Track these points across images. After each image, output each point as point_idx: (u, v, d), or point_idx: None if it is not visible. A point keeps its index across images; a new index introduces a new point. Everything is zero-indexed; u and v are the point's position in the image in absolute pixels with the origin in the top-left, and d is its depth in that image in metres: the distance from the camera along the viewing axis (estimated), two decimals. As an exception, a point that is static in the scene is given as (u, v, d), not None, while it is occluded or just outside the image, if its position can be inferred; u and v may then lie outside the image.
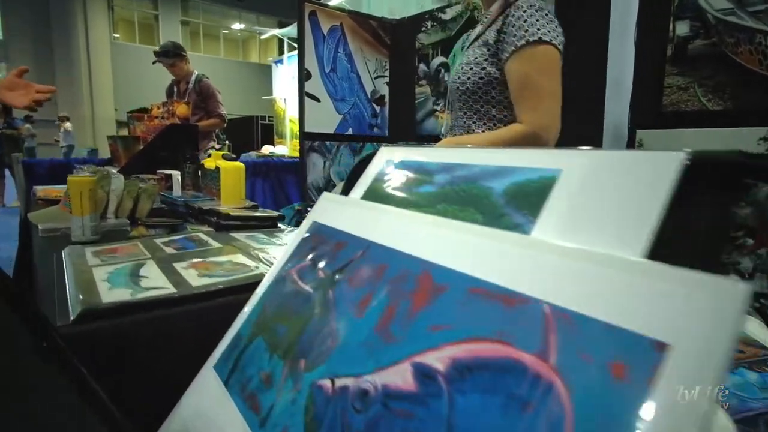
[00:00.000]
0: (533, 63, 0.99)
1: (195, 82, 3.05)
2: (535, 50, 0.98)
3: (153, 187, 1.24)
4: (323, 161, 2.63)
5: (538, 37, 0.97)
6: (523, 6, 1.00)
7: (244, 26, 23.41)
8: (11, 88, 1.30)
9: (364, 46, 2.74)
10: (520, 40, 0.98)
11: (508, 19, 1.00)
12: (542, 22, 0.98)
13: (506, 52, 1.01)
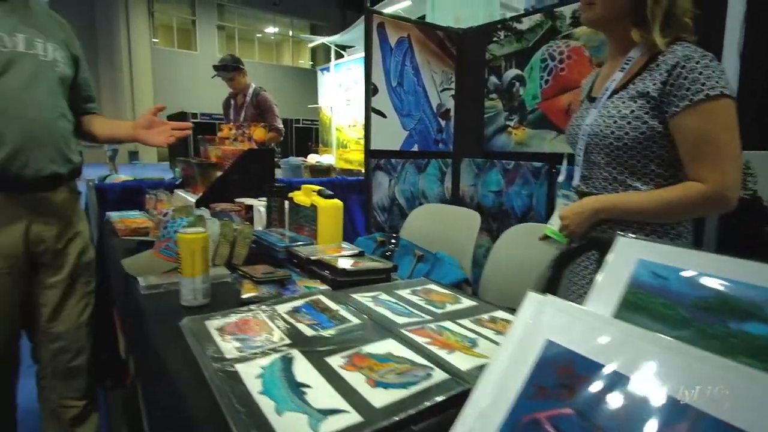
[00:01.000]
0: (713, 118, 0.85)
1: (252, 95, 2.99)
2: (716, 105, 0.85)
3: (248, 229, 1.13)
4: (388, 179, 2.50)
5: (719, 92, 0.84)
6: (695, 57, 0.86)
7: (278, 30, 23.71)
8: (149, 127, 1.30)
9: (431, 58, 2.60)
10: (696, 94, 0.85)
11: (677, 70, 0.87)
12: (718, 74, 0.85)
13: (676, 106, 0.87)
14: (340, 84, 4.89)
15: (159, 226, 1.21)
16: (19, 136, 1.07)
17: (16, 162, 1.07)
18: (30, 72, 1.10)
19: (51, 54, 1.15)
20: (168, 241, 1.02)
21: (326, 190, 1.21)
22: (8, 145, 1.05)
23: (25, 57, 1.10)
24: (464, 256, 1.67)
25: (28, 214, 1.13)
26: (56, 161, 1.16)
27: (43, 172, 1.12)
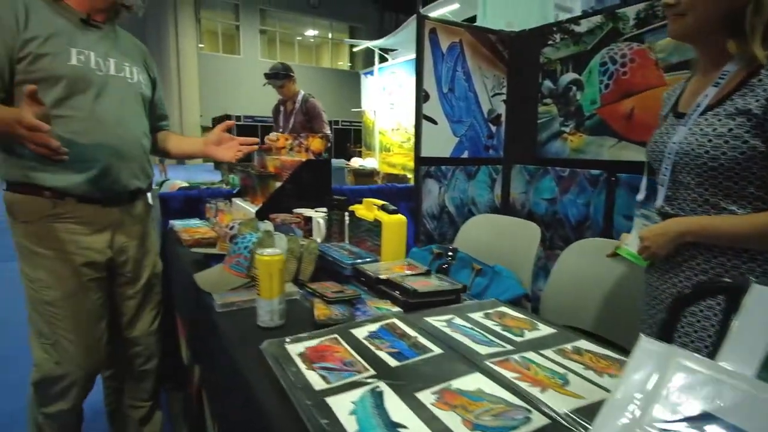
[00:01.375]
0: None
1: (302, 102, 3.03)
2: None
3: (314, 245, 1.13)
4: (438, 187, 2.47)
5: None
6: None
7: (318, 32, 24.07)
8: (218, 143, 1.37)
9: (483, 62, 2.54)
10: None
11: None
12: None
13: None
14: (383, 87, 4.89)
15: (225, 238, 1.23)
16: (111, 154, 1.14)
17: (107, 178, 1.14)
18: (120, 94, 1.17)
19: (136, 77, 1.23)
20: (239, 257, 1.04)
21: (389, 204, 1.20)
22: (101, 162, 1.12)
23: (116, 80, 1.17)
24: (523, 270, 1.61)
25: (113, 226, 1.19)
26: (139, 176, 1.23)
27: (128, 187, 1.20)
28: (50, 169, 1.06)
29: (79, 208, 1.12)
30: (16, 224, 1.12)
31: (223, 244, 1.23)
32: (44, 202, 1.09)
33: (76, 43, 1.10)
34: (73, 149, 1.06)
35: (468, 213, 2.63)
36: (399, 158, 4.77)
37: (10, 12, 1.02)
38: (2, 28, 1.01)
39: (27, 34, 1.03)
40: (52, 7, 1.09)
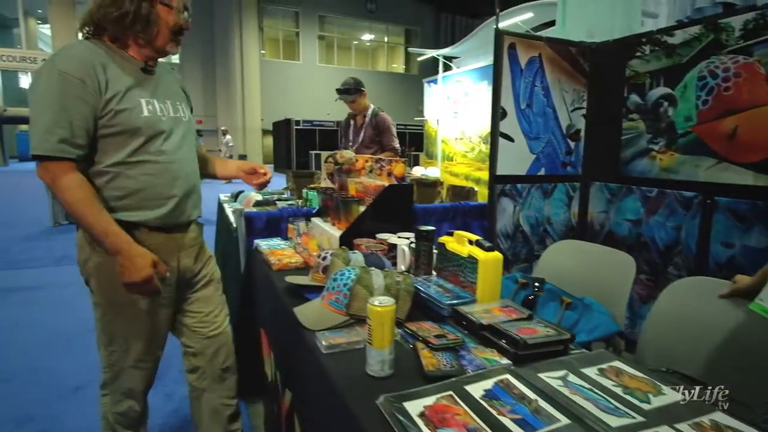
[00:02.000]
0: None
1: (372, 116, 3.05)
2: None
3: (409, 281, 1.12)
4: (513, 206, 2.40)
5: None
6: None
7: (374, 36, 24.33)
8: (250, 173, 1.54)
9: (563, 76, 2.44)
10: None
11: None
12: None
13: None
14: (448, 96, 4.83)
15: (318, 269, 1.25)
16: (181, 191, 1.26)
17: (176, 211, 1.25)
18: (181, 134, 1.27)
19: (186, 114, 1.33)
20: (338, 294, 1.05)
21: (484, 241, 1.17)
22: (175, 198, 1.24)
23: (176, 121, 1.26)
24: (615, 305, 1.52)
25: (178, 250, 1.30)
26: (198, 206, 1.36)
27: (191, 217, 1.32)
28: (127, 208, 1.17)
29: (151, 236, 1.21)
30: (93, 254, 1.19)
31: (316, 275, 1.26)
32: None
33: (143, 93, 1.18)
34: (151, 190, 1.19)
35: (543, 232, 2.54)
36: (462, 168, 4.69)
37: (91, 73, 1.08)
38: (88, 90, 1.08)
39: (108, 94, 1.11)
40: (118, 61, 1.16)
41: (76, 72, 1.06)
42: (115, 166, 1.14)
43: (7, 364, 2.29)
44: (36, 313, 3.01)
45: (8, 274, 3.92)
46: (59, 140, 1.05)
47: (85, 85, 1.07)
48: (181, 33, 1.23)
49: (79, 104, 1.07)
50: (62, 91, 1.05)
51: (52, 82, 1.06)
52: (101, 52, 1.13)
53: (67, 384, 2.08)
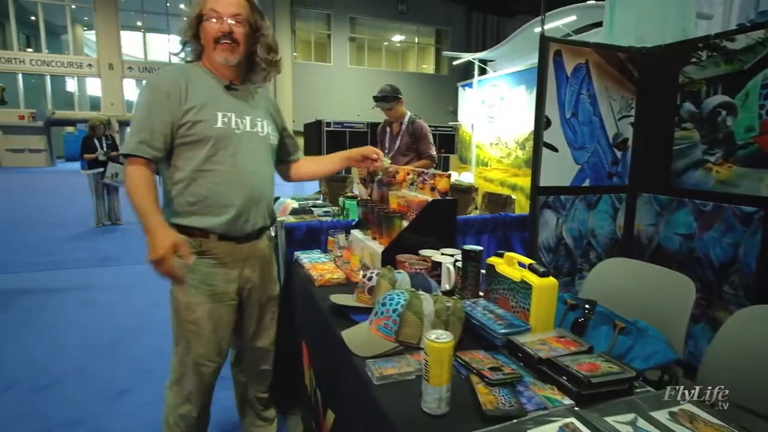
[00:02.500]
0: None
1: (408, 123, 3.02)
2: None
3: (459, 306, 1.08)
4: (556, 218, 2.32)
5: None
6: None
7: (405, 37, 24.30)
8: (360, 161, 1.68)
9: (610, 83, 2.34)
10: None
11: None
12: None
13: None
14: (483, 100, 4.75)
15: (364, 289, 1.23)
16: (244, 201, 1.33)
17: (240, 219, 1.34)
18: (253, 147, 1.35)
19: (265, 129, 1.40)
20: (387, 319, 1.02)
21: (538, 265, 1.12)
22: (235, 207, 1.32)
23: (250, 135, 1.35)
24: (673, 331, 1.44)
25: (243, 259, 1.39)
26: (265, 217, 1.42)
27: (256, 226, 1.39)
28: (197, 213, 1.30)
29: (219, 245, 1.33)
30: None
31: (362, 295, 1.23)
32: (194, 241, 1.30)
33: (221, 106, 1.30)
34: (214, 197, 1.29)
35: (587, 245, 2.44)
36: (497, 173, 4.60)
37: (176, 88, 1.24)
38: (171, 102, 1.24)
39: (187, 105, 1.25)
40: (204, 78, 1.31)
41: (163, 86, 1.24)
42: (192, 173, 1.27)
43: (57, 365, 2.38)
44: (81, 314, 3.13)
45: (56, 275, 4.10)
46: (139, 141, 1.21)
47: (169, 97, 1.23)
48: (220, 40, 1.28)
49: (161, 113, 1.23)
50: (150, 101, 1.24)
51: (146, 94, 1.25)
52: (191, 71, 1.30)
53: (112, 388, 2.14)
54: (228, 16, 1.27)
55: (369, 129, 17.55)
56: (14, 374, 2.27)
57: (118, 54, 19.23)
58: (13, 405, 2.03)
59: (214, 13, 1.27)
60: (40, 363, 2.39)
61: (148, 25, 20.16)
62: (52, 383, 2.19)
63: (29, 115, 18.61)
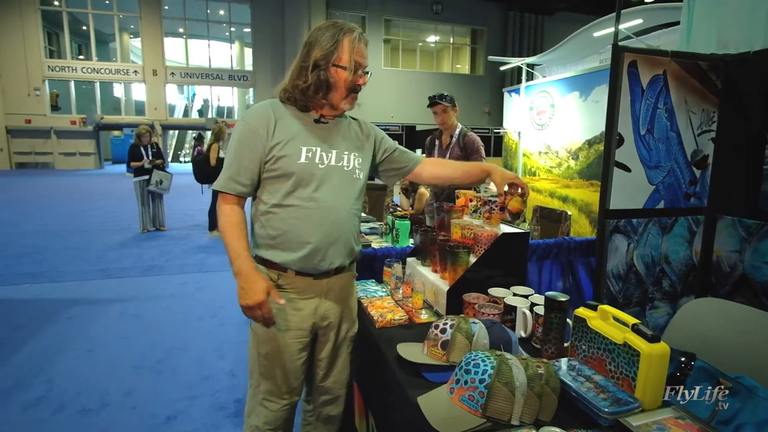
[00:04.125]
0: None
1: (459, 136, 2.87)
2: None
3: (553, 373, 0.94)
4: (627, 243, 2.12)
5: None
6: None
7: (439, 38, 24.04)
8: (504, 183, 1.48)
9: (690, 95, 2.12)
10: None
11: None
12: None
13: None
14: (531, 107, 4.53)
15: (437, 344, 1.10)
16: (321, 238, 1.27)
17: (316, 257, 1.28)
18: (336, 183, 1.29)
19: (351, 163, 1.33)
20: (472, 390, 0.89)
21: (644, 326, 0.96)
22: (311, 245, 1.26)
23: (334, 169, 1.29)
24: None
25: (320, 295, 1.33)
26: (343, 255, 1.33)
27: (333, 265, 1.31)
28: (276, 247, 1.27)
29: (297, 280, 1.29)
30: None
31: (434, 350, 1.11)
32: (273, 274, 1.29)
33: (307, 141, 1.26)
34: (293, 232, 1.25)
35: (659, 273, 2.23)
36: (546, 184, 4.37)
37: (265, 125, 1.24)
38: (260, 139, 1.23)
39: (274, 140, 1.24)
40: (294, 113, 1.29)
41: (253, 121, 1.25)
42: (274, 207, 1.26)
43: (104, 385, 2.37)
44: (126, 328, 3.14)
45: (103, 284, 4.17)
46: (228, 177, 1.23)
47: (257, 133, 1.23)
48: (355, 90, 1.29)
49: (249, 149, 1.23)
50: (240, 137, 1.25)
51: (238, 130, 1.26)
52: (280, 106, 1.29)
53: (159, 414, 2.10)
54: (364, 68, 1.29)
55: (404, 131, 17.44)
56: (63, 394, 2.27)
57: (162, 60, 19.91)
58: (64, 428, 2.01)
59: (360, 66, 1.27)
60: (88, 382, 2.39)
61: (189, 32, 20.77)
62: (100, 407, 2.17)
63: (80, 120, 19.52)
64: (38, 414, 2.11)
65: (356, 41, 1.26)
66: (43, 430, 2.00)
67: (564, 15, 23.07)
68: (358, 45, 1.26)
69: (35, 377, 2.43)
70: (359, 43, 1.26)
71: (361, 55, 1.26)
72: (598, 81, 3.73)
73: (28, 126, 18.97)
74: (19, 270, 4.53)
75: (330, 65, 1.23)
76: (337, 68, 1.24)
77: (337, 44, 1.23)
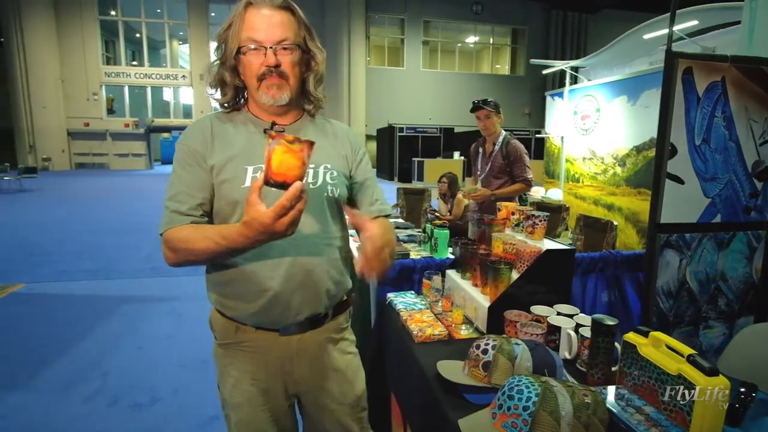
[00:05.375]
0: None
1: (502, 144, 2.83)
2: None
3: (600, 401, 0.91)
4: (679, 259, 2.02)
5: None
6: None
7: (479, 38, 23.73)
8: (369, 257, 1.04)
9: (751, 102, 2.00)
10: None
11: None
12: None
13: None
14: (575, 111, 4.40)
15: (478, 365, 1.09)
16: (281, 282, 1.02)
17: (276, 307, 1.04)
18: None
19: (320, 178, 1.04)
20: (515, 417, 0.88)
21: (702, 357, 0.91)
22: (270, 292, 1.03)
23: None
24: None
25: (289, 356, 1.09)
26: (316, 301, 1.07)
27: (302, 315, 1.06)
28: (229, 297, 1.05)
29: (257, 336, 1.06)
30: (215, 341, 1.15)
31: (475, 370, 1.10)
32: (230, 327, 1.07)
33: (255, 158, 0.99)
34: (245, 279, 1.00)
35: (714, 291, 2.11)
36: (591, 191, 4.23)
37: (202, 140, 1.01)
38: (198, 158, 1.00)
39: (211, 161, 0.99)
40: (236, 123, 1.04)
41: (188, 141, 1.01)
42: None
43: (153, 381, 2.49)
44: (173, 327, 3.29)
45: (152, 282, 4.39)
46: (171, 211, 0.98)
47: (195, 154, 1.00)
48: (265, 76, 0.99)
49: (189, 173, 1.00)
50: (177, 161, 1.02)
51: (175, 155, 1.04)
52: (225, 118, 1.05)
53: (203, 413, 2.19)
54: (272, 43, 0.97)
55: (442, 134, 17.33)
56: (117, 388, 2.41)
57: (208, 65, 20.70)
58: (119, 421, 2.14)
59: (254, 42, 0.97)
60: (139, 378, 2.52)
61: (234, 37, 21.49)
62: (151, 402, 2.29)
63: (133, 123, 20.64)
64: (96, 406, 2.25)
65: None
66: (100, 422, 2.13)
67: (610, 13, 22.26)
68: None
69: (92, 370, 2.59)
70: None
71: (254, 29, 0.98)
72: (648, 85, 3.57)
73: (87, 129, 20.23)
74: (78, 267, 4.84)
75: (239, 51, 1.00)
76: (239, 55, 1.00)
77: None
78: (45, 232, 6.62)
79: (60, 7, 18.81)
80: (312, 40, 1.08)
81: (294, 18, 1.03)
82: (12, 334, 3.11)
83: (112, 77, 20.41)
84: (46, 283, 4.23)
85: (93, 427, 2.09)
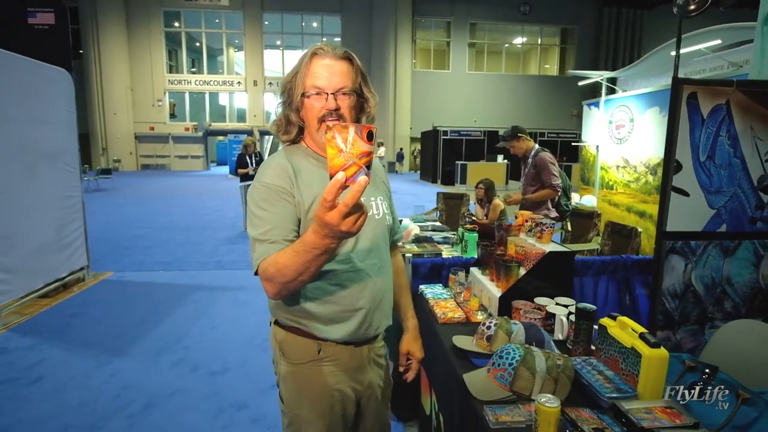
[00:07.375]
0: None
1: (533, 156, 3.12)
2: None
3: (569, 365, 1.23)
4: (684, 263, 2.24)
5: None
6: None
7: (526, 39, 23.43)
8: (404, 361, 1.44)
9: (756, 122, 2.18)
10: None
11: None
12: None
13: None
14: (610, 120, 4.56)
15: (482, 337, 1.43)
16: (369, 301, 1.18)
17: (364, 325, 1.19)
18: (371, 234, 1.16)
19: (381, 209, 1.21)
20: (503, 371, 1.21)
21: (650, 335, 1.21)
22: (362, 310, 1.18)
23: (368, 221, 0.88)
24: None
25: (363, 364, 1.26)
26: (389, 317, 1.26)
27: (380, 329, 1.24)
28: (319, 319, 1.14)
29: (338, 350, 1.18)
30: (283, 361, 1.23)
31: (481, 342, 1.44)
32: (312, 346, 1.17)
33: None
34: (337, 302, 1.13)
35: (720, 294, 2.30)
36: (623, 198, 4.38)
37: (287, 179, 1.08)
38: (287, 194, 1.08)
39: (298, 198, 1.09)
40: (311, 163, 1.14)
41: (271, 180, 1.09)
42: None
43: (225, 355, 2.98)
44: (239, 312, 3.81)
45: (218, 274, 4.97)
46: (266, 242, 1.06)
47: (282, 191, 1.08)
48: (325, 118, 1.09)
49: (281, 207, 1.08)
50: (264, 198, 1.08)
51: (256, 195, 1.10)
52: (295, 156, 1.14)
53: (266, 380, 2.64)
54: (333, 90, 1.08)
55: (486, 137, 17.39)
56: (197, 359, 2.92)
57: (261, 71, 21.84)
58: (199, 384, 2.63)
59: (317, 88, 1.08)
60: (213, 351, 3.02)
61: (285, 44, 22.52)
62: (223, 371, 2.77)
63: (192, 127, 22.13)
64: (181, 372, 2.76)
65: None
66: (185, 384, 2.62)
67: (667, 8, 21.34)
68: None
69: (176, 344, 3.13)
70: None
71: (316, 77, 1.09)
72: (680, 97, 3.70)
73: (151, 132, 21.90)
74: (154, 259, 5.53)
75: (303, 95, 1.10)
76: (306, 98, 1.10)
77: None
78: (124, 228, 7.48)
79: (131, 21, 20.55)
80: (366, 85, 1.18)
81: (352, 67, 1.14)
82: (110, 313, 3.74)
83: (174, 84, 21.99)
84: (130, 272, 4.91)
85: (180, 387, 2.59)
